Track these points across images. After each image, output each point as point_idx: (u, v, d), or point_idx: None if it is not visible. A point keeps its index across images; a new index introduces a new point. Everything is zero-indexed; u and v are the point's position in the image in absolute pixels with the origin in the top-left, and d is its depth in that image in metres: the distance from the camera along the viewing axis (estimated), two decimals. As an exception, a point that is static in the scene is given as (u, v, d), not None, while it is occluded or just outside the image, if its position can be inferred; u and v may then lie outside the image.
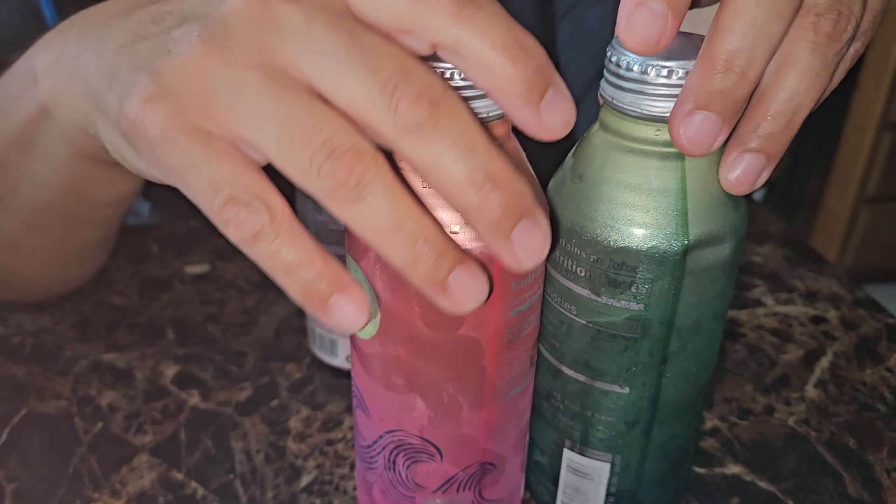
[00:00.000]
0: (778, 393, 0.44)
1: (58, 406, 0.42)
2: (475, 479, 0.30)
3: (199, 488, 0.37)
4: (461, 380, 0.27)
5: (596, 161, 0.28)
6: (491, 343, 0.27)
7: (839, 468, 0.39)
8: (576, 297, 0.29)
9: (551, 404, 0.32)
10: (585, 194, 0.28)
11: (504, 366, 0.28)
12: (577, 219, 0.28)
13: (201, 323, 0.48)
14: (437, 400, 0.28)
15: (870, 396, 0.43)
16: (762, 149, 0.26)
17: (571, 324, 0.30)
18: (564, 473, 0.33)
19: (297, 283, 0.22)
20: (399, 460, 0.29)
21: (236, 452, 0.39)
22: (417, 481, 0.30)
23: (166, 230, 0.58)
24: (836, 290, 0.53)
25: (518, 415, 0.30)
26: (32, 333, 0.47)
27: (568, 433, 0.32)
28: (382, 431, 0.29)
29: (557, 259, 0.29)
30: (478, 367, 0.27)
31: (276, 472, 0.38)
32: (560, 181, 0.30)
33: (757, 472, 0.38)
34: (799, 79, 0.25)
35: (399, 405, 0.28)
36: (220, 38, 0.22)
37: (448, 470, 0.29)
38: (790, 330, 0.49)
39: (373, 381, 0.28)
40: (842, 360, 0.46)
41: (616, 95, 0.27)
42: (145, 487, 0.37)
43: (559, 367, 0.31)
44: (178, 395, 0.42)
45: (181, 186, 0.23)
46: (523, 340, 0.28)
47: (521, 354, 0.28)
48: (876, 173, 1.63)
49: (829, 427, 0.41)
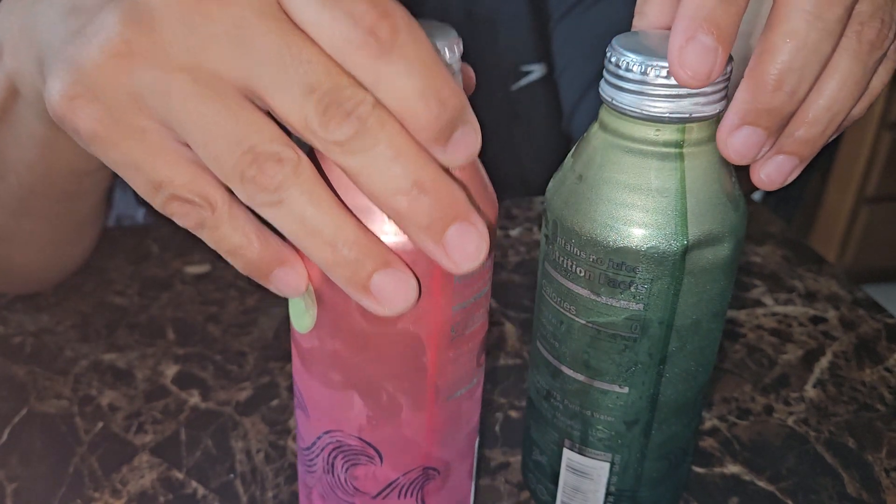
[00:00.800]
0: (777, 393, 0.44)
1: (58, 406, 0.42)
2: (417, 485, 0.29)
3: (199, 488, 0.37)
4: (401, 378, 0.26)
5: (596, 161, 0.28)
6: (432, 339, 0.26)
7: (838, 468, 0.39)
8: (575, 296, 0.29)
9: (551, 404, 0.32)
10: (585, 194, 0.28)
11: (447, 365, 0.27)
12: (576, 219, 0.28)
13: (201, 323, 0.48)
14: (375, 399, 0.27)
15: (869, 396, 0.44)
16: (796, 152, 0.27)
17: (571, 323, 0.30)
18: (564, 473, 0.33)
19: (241, 261, 0.24)
20: (338, 463, 0.29)
21: (236, 452, 0.39)
22: (356, 485, 0.29)
23: (166, 230, 0.58)
24: (835, 290, 0.53)
25: (464, 418, 0.29)
26: (33, 333, 0.47)
27: (568, 433, 0.32)
28: (321, 432, 0.28)
29: (557, 259, 0.30)
30: (418, 365, 0.26)
31: (277, 471, 0.38)
32: (559, 181, 0.30)
33: (756, 471, 0.38)
34: (839, 87, 0.26)
35: (337, 404, 0.27)
36: (147, 31, 0.21)
37: (388, 474, 0.28)
38: (789, 330, 0.49)
39: (311, 378, 0.27)
40: (841, 360, 0.46)
41: (616, 96, 0.27)
42: (146, 487, 0.37)
43: (559, 366, 0.31)
44: (179, 395, 0.43)
45: (125, 178, 0.23)
46: (468, 339, 0.27)
47: (465, 353, 0.27)
48: (875, 173, 1.63)
49: (828, 427, 0.41)
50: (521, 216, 0.60)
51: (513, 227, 0.59)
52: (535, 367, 0.33)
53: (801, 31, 0.24)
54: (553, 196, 0.30)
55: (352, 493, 0.29)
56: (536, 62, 0.62)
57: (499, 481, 0.38)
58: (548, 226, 0.30)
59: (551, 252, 0.30)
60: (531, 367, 0.34)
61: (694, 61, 0.24)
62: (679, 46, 0.24)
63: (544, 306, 0.31)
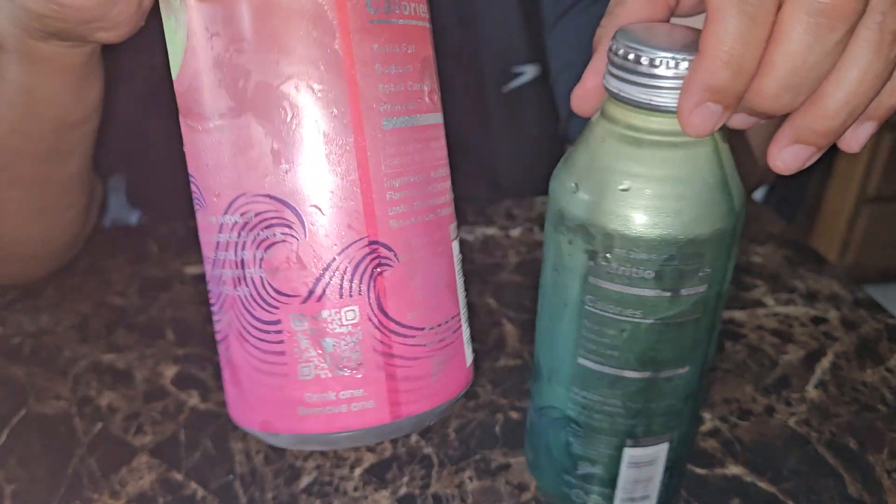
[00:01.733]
0: (778, 393, 0.44)
1: (57, 407, 0.42)
2: (364, 273, 0.22)
3: (198, 489, 0.37)
4: (309, 75, 0.20)
5: (642, 171, 0.28)
6: (342, 12, 0.20)
7: (840, 469, 0.39)
8: (642, 300, 0.29)
9: (607, 413, 0.32)
10: (636, 203, 0.28)
11: (371, 62, 0.21)
12: (633, 228, 0.28)
13: (201, 323, 0.48)
14: (279, 118, 0.20)
15: (870, 397, 0.43)
16: (815, 142, 0.27)
17: (636, 327, 0.30)
18: (626, 471, 0.33)
19: None
20: (248, 255, 0.21)
21: (236, 453, 0.39)
22: (277, 286, 0.21)
23: (165, 231, 0.58)
24: (836, 290, 0.53)
25: (421, 167, 0.23)
26: (32, 334, 0.47)
27: (629, 433, 0.32)
28: (221, 213, 0.21)
29: (615, 271, 0.29)
30: (329, 52, 0.20)
31: (276, 472, 0.38)
32: (598, 195, 0.29)
33: (757, 472, 0.38)
34: (859, 80, 0.25)
35: (235, 147, 0.21)
36: None
37: (318, 255, 0.21)
38: (791, 330, 0.49)
39: (198, 134, 0.21)
40: (842, 361, 0.46)
41: (654, 96, 0.27)
42: (145, 488, 0.37)
43: (619, 373, 0.31)
44: (178, 396, 0.42)
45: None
46: (399, 33, 0.21)
47: (399, 58, 0.22)
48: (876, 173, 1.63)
49: (829, 428, 0.41)
50: (521, 216, 0.60)
51: (513, 227, 0.59)
52: (576, 387, 0.32)
53: (801, 52, 0.24)
54: (594, 213, 0.29)
55: (275, 304, 0.22)
56: (528, 63, 0.62)
57: (499, 482, 0.38)
58: (592, 243, 0.29)
59: (603, 267, 0.29)
60: (564, 389, 0.33)
61: (701, 124, 0.26)
62: (688, 110, 0.25)
63: (593, 322, 0.30)
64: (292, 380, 0.22)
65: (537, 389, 0.34)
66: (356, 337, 0.22)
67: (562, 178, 0.30)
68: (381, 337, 0.22)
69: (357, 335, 0.22)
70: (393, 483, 0.37)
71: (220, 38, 0.21)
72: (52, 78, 0.38)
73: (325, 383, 0.22)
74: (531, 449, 0.36)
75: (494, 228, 0.59)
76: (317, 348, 0.22)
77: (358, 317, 0.21)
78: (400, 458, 0.39)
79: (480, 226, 0.59)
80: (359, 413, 0.22)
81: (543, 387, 0.34)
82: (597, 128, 0.29)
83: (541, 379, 0.34)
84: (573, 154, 0.30)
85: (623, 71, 0.27)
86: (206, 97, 0.21)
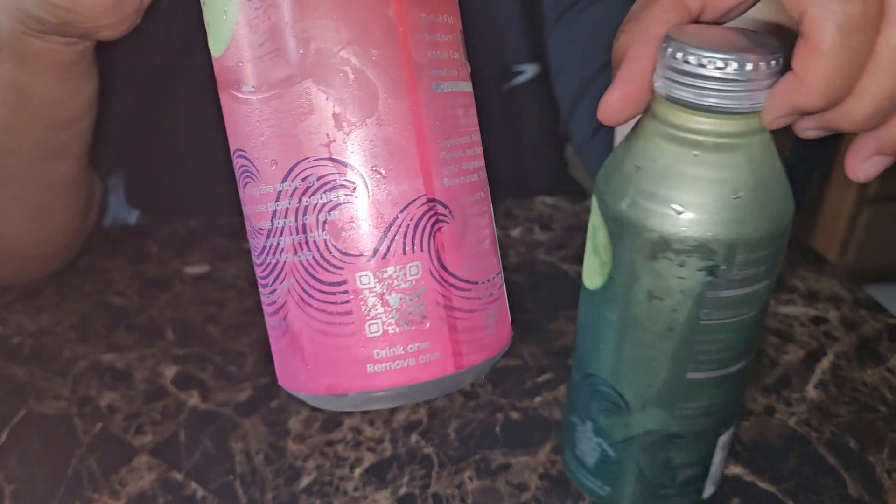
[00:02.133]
0: (779, 393, 0.44)
1: (57, 407, 0.42)
2: (425, 230, 0.23)
3: (198, 489, 0.37)
4: (366, 41, 0.21)
5: (743, 175, 0.28)
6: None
7: (840, 469, 0.39)
8: (753, 296, 0.30)
9: (711, 414, 0.33)
10: (750, 206, 0.28)
11: (420, 30, 0.22)
12: (755, 230, 0.29)
13: (201, 323, 0.48)
14: (340, 82, 0.21)
15: (870, 397, 0.43)
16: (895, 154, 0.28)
17: (743, 324, 0.31)
18: (716, 458, 0.35)
19: None
20: (310, 218, 0.22)
21: (236, 453, 0.39)
22: (342, 247, 0.22)
23: (166, 231, 0.58)
24: (836, 290, 0.53)
25: (461, 128, 0.24)
26: (32, 334, 0.47)
27: (725, 423, 0.34)
28: (279, 180, 0.22)
29: (734, 278, 0.29)
30: (385, 20, 0.22)
31: (276, 472, 0.38)
32: (712, 210, 0.28)
33: (757, 472, 0.38)
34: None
35: (293, 116, 0.22)
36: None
37: (382, 212, 0.22)
38: (791, 330, 0.49)
39: (252, 108, 0.22)
40: (842, 361, 0.46)
41: (749, 98, 0.27)
42: (145, 488, 0.37)
43: (726, 371, 0.31)
44: (178, 396, 0.42)
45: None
46: (441, 4, 0.23)
47: (442, 26, 0.23)
48: (877, 173, 1.63)
49: (829, 428, 0.41)
50: (521, 216, 0.60)
51: (513, 227, 0.59)
52: (681, 402, 0.32)
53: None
54: (713, 228, 0.28)
55: (340, 265, 0.22)
56: (529, 62, 0.62)
57: (499, 482, 0.37)
58: (712, 258, 0.29)
59: (723, 277, 0.29)
60: (666, 410, 0.32)
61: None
62: (770, 120, 0.27)
63: (707, 334, 0.30)
64: (360, 338, 0.23)
65: (620, 422, 0.33)
66: (420, 291, 0.23)
67: (648, 206, 0.29)
68: (442, 291, 0.23)
69: (420, 289, 0.23)
70: (393, 483, 0.37)
71: (277, 7, 0.22)
72: (44, 75, 0.38)
73: (393, 338, 0.23)
74: (607, 484, 0.35)
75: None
76: (384, 305, 0.23)
77: (420, 272, 0.23)
78: (400, 458, 0.39)
79: (480, 226, 0.59)
80: (426, 365, 0.23)
81: (633, 417, 0.33)
82: (670, 146, 0.28)
83: (628, 411, 0.33)
84: (647, 182, 0.29)
85: (721, 82, 0.26)
86: (260, 68, 0.22)
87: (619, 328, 0.31)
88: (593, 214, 0.31)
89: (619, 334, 0.31)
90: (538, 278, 0.53)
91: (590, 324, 0.33)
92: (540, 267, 0.54)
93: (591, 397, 0.34)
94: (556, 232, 0.58)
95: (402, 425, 0.41)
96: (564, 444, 0.37)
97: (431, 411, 0.42)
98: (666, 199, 0.28)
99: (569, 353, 0.46)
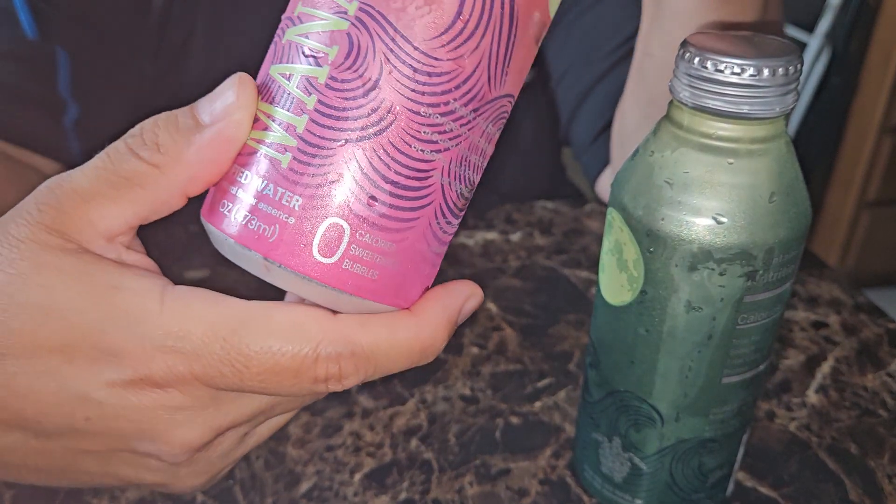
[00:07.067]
0: (779, 398, 0.43)
1: (57, 412, 0.41)
2: None
3: (198, 494, 0.37)
4: None
5: (780, 179, 0.29)
6: None
7: (840, 474, 0.39)
8: (784, 294, 0.31)
9: (741, 414, 0.33)
10: (784, 208, 0.29)
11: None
12: (784, 233, 0.29)
13: (201, 328, 0.48)
14: None
15: (871, 402, 0.43)
16: None
17: (773, 324, 0.31)
18: (740, 454, 0.35)
19: None
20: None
21: (235, 458, 0.39)
22: None
23: (164, 235, 0.58)
24: (837, 294, 0.53)
25: None
26: (32, 339, 0.47)
27: (749, 421, 0.34)
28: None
29: (770, 280, 0.29)
30: None
31: (276, 477, 0.38)
32: (751, 216, 0.28)
33: (758, 477, 0.38)
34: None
35: None
36: None
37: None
38: (791, 335, 0.49)
39: None
40: (843, 366, 0.46)
41: (776, 104, 0.28)
42: (144, 493, 0.37)
43: (755, 371, 0.32)
44: (178, 401, 0.42)
45: None
46: None
47: None
48: (877, 177, 1.63)
49: (830, 432, 0.41)
50: (521, 220, 0.60)
51: (513, 231, 0.59)
52: (716, 407, 0.32)
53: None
54: (753, 234, 0.28)
55: None
56: None
57: (499, 487, 0.37)
58: (752, 263, 0.29)
59: (760, 280, 0.29)
60: (701, 417, 0.32)
61: None
62: None
63: (743, 338, 0.30)
64: None
65: (653, 435, 0.33)
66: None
67: (685, 218, 0.29)
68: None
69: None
70: (393, 488, 0.37)
71: None
72: None
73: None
74: (638, 497, 0.35)
75: (495, 233, 0.59)
76: None
77: None
78: (400, 463, 0.39)
79: (481, 230, 0.59)
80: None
81: (667, 429, 0.32)
82: (703, 156, 0.28)
83: (661, 424, 0.32)
84: (682, 195, 0.29)
85: (754, 89, 0.27)
86: None
87: (653, 342, 0.31)
88: (616, 230, 0.31)
89: (654, 348, 0.31)
90: (538, 283, 0.53)
91: (616, 340, 0.32)
92: (540, 271, 0.54)
93: (619, 413, 0.33)
94: (556, 236, 0.58)
95: (402, 430, 0.41)
96: (583, 463, 0.37)
97: (431, 416, 0.42)
98: (705, 210, 0.28)
99: (569, 358, 0.46)
